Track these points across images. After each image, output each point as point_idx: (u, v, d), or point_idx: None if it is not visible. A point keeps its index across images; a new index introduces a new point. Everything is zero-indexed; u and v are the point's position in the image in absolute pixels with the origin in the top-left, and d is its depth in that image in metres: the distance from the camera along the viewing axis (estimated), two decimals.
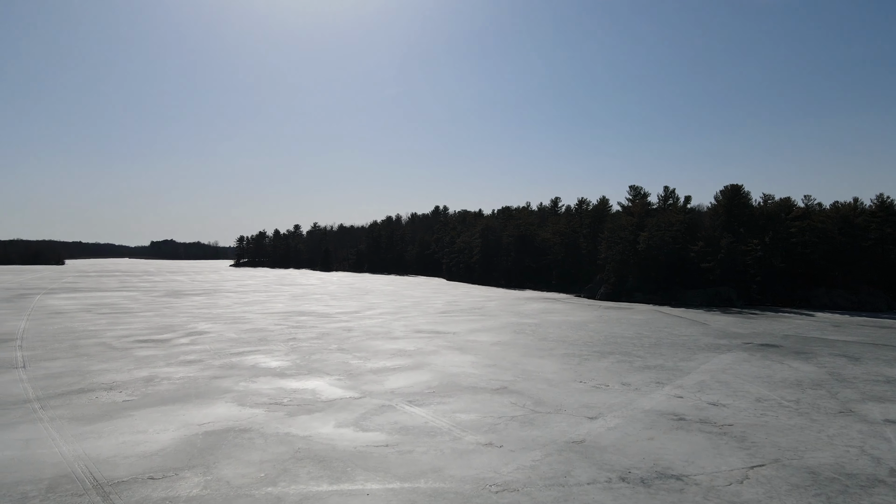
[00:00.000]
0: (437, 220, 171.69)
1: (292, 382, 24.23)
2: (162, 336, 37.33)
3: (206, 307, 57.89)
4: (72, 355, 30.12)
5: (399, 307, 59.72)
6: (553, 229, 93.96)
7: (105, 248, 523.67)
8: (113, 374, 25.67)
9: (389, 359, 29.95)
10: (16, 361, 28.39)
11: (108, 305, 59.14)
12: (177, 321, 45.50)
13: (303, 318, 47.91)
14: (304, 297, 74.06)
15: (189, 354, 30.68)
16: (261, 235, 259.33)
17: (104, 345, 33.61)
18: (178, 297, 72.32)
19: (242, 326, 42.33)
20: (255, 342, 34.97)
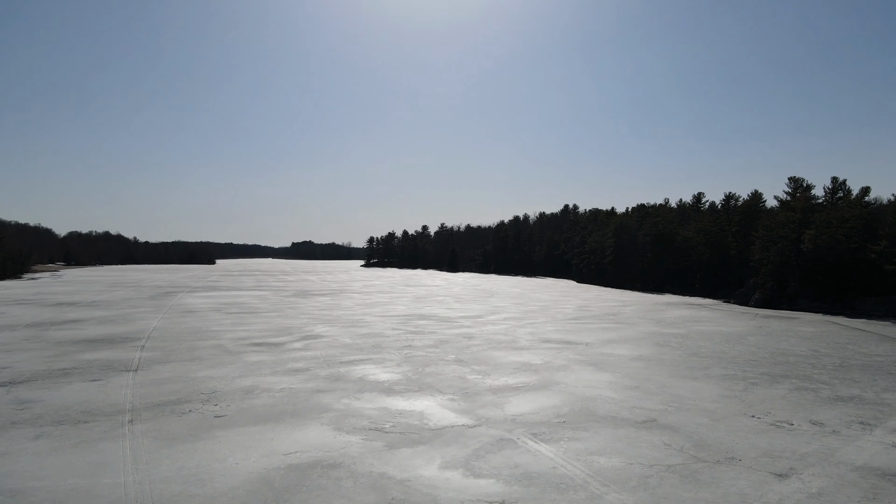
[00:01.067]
0: (566, 219, 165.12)
1: (399, 401, 21.12)
2: (277, 339, 36.06)
3: (328, 308, 57.24)
4: (185, 359, 29.20)
5: (525, 312, 55.66)
6: (696, 227, 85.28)
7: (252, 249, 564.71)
8: (216, 382, 24.01)
9: (512, 374, 26.12)
10: (131, 364, 27.77)
11: (237, 305, 60.36)
12: (296, 323, 44.57)
13: (422, 323, 45.29)
14: (426, 298, 72.07)
15: (298, 361, 28.71)
16: (390, 236, 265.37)
17: (220, 347, 32.69)
18: (305, 297, 73.07)
19: (359, 331, 40.36)
20: (368, 349, 32.55)
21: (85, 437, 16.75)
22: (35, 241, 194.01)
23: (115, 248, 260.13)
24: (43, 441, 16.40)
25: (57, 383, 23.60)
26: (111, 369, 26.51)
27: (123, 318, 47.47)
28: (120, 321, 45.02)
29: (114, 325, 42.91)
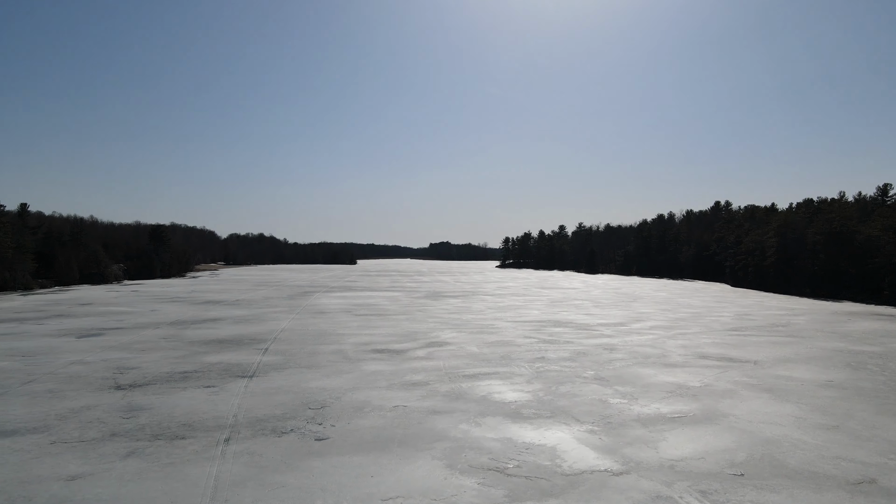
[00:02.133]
0: (717, 216, 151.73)
1: (527, 431, 17.65)
2: (401, 346, 33.92)
3: (458, 312, 54.84)
4: (303, 365, 27.73)
5: (675, 320, 49.69)
6: (883, 224, 73.18)
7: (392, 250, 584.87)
8: (327, 394, 21.97)
9: (665, 399, 21.68)
10: (249, 369, 26.69)
11: (368, 306, 59.81)
12: (423, 328, 42.42)
13: (557, 331, 41.31)
14: (563, 302, 67.60)
15: (417, 373, 26.14)
16: (526, 237, 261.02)
17: (340, 353, 31.06)
18: (436, 299, 71.48)
19: (487, 338, 37.29)
20: (496, 360, 29.34)
21: (175, 458, 15.04)
22: (200, 242, 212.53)
23: (267, 248, 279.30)
24: (132, 461, 14.87)
25: (173, 388, 22.76)
26: (229, 374, 25.51)
27: (258, 318, 48.12)
28: (253, 321, 45.51)
29: (247, 325, 43.32)
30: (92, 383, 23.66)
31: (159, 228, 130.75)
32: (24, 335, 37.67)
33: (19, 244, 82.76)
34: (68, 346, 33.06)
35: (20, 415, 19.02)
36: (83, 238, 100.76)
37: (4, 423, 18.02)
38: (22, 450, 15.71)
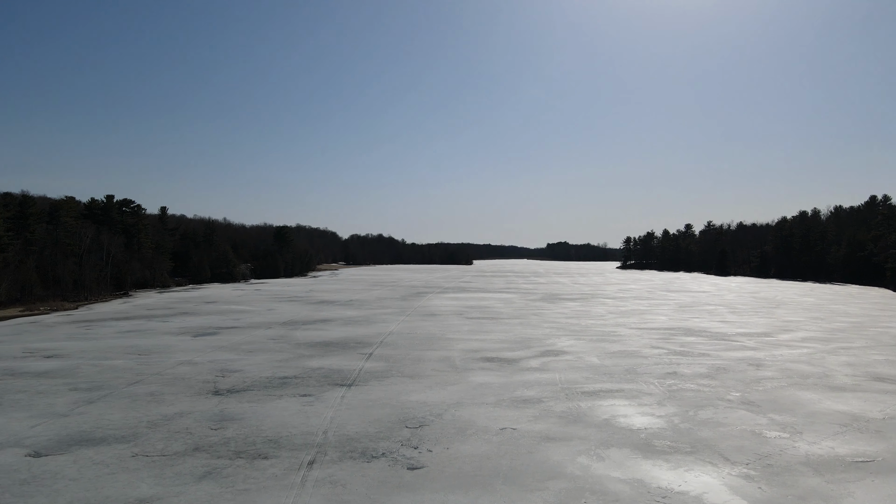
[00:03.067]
0: (873, 212, 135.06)
1: (662, 471, 14.35)
2: (513, 354, 31.20)
3: (576, 316, 51.14)
4: (406, 374, 25.79)
5: (831, 330, 43.12)
6: None
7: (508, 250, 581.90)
8: (428, 410, 19.74)
9: (840, 436, 17.39)
10: (349, 377, 25.13)
11: (481, 309, 57.52)
12: (538, 334, 39.40)
13: (689, 340, 36.76)
14: (693, 307, 61.70)
15: (530, 387, 23.31)
16: (648, 236, 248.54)
17: (447, 361, 28.87)
18: (553, 301, 67.90)
19: (609, 347, 33.65)
20: (620, 375, 25.85)
21: (251, 484, 13.32)
22: (322, 243, 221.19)
23: (386, 248, 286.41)
24: (206, 484, 13.31)
25: (269, 396, 21.52)
26: (328, 382, 24.03)
27: (368, 319, 47.28)
28: (363, 323, 44.63)
29: (356, 326, 42.44)
30: (192, 387, 23.02)
31: (283, 230, 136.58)
32: (147, 332, 38.93)
33: (158, 244, 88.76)
34: (183, 345, 33.42)
35: (114, 420, 18.37)
36: (215, 239, 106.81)
37: (96, 430, 17.35)
38: (101, 462, 14.70)
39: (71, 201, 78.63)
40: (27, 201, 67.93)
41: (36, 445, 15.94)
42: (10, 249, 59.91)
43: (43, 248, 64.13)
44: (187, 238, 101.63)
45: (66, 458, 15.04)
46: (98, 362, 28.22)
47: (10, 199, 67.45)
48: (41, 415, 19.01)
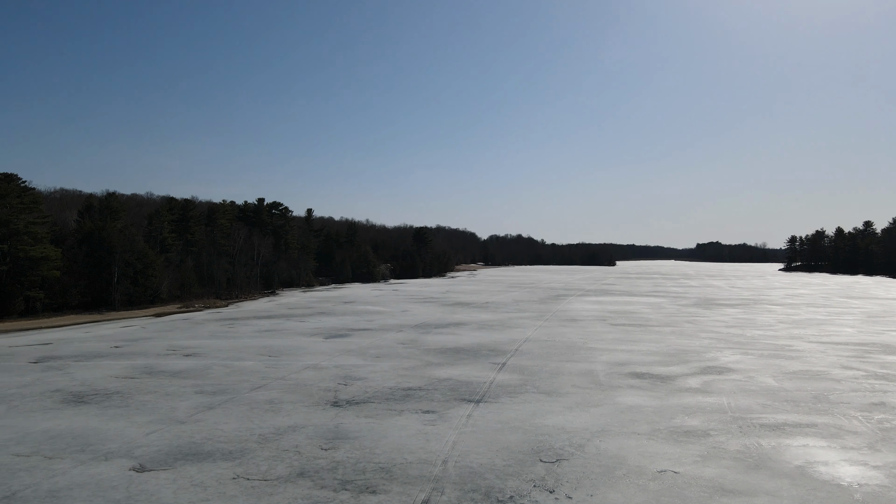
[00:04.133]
0: None
1: None
2: (667, 369, 27.04)
3: (738, 325, 44.95)
4: (543, 389, 22.80)
5: None
6: None
7: (654, 251, 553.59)
8: (567, 438, 16.65)
9: None
10: (478, 391, 22.61)
11: (626, 314, 52.72)
12: (695, 345, 34.54)
13: (893, 361, 30.19)
14: (886, 318, 52.44)
15: (692, 414, 19.35)
16: (818, 235, 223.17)
17: (589, 376, 25.44)
18: (709, 307, 61.10)
19: (787, 365, 28.28)
20: (808, 403, 20.99)
21: None
22: (461, 243, 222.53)
23: (525, 249, 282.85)
24: None
25: (389, 411, 19.51)
26: (455, 396, 21.65)
27: (503, 323, 44.66)
28: (497, 328, 42.08)
29: (490, 331, 39.98)
30: (313, 395, 21.67)
31: (423, 230, 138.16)
32: (283, 332, 39.16)
33: (304, 245, 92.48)
34: (313, 348, 32.81)
35: (227, 431, 17.21)
36: (357, 239, 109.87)
37: (206, 442, 16.21)
38: (200, 484, 13.29)
39: (225, 205, 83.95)
40: (188, 205, 73.13)
41: (143, 457, 14.99)
42: (172, 250, 64.45)
43: (201, 249, 68.46)
44: (331, 239, 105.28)
45: (167, 475, 13.83)
46: (230, 363, 28.07)
47: (174, 203, 72.97)
48: (160, 420, 18.38)
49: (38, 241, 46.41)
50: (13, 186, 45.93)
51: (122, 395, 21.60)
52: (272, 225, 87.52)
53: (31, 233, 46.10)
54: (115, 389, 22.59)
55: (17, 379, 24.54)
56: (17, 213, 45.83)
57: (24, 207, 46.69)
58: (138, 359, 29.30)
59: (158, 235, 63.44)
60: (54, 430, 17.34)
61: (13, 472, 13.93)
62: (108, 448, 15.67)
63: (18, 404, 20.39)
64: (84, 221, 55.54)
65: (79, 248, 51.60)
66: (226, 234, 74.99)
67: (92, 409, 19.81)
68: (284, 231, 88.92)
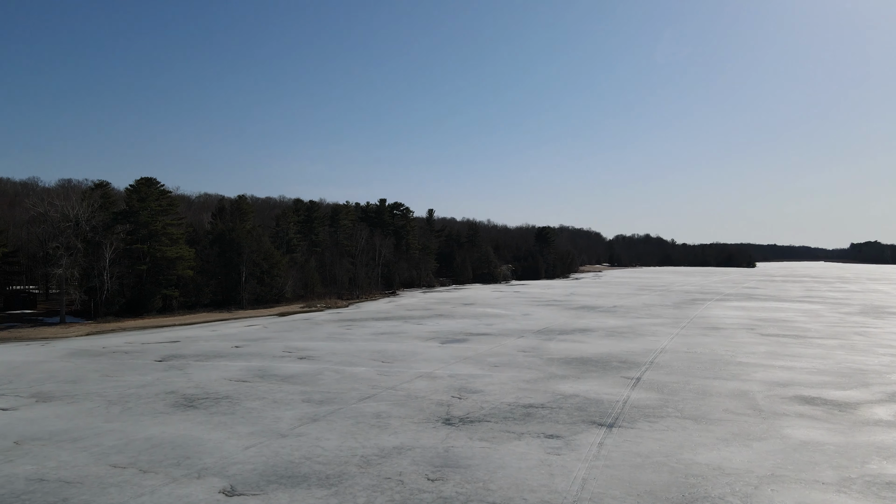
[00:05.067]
0: None
1: None
2: (843, 393, 22.42)
3: None
4: (688, 414, 19.34)
5: None
6: None
7: (799, 251, 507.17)
8: (727, 485, 13.38)
9: None
10: (609, 412, 19.57)
11: (777, 322, 46.54)
12: (872, 363, 29.03)
13: None
14: None
15: (892, 458, 15.20)
16: None
17: (744, 398, 21.53)
18: (880, 316, 52.86)
19: None
20: None
21: None
22: (585, 243, 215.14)
23: (653, 249, 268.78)
24: None
25: (507, 434, 17.08)
26: (583, 418, 18.80)
27: (633, 330, 40.70)
28: (628, 335, 38.27)
29: (619, 339, 36.33)
30: (423, 410, 19.70)
31: (545, 230, 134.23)
32: (398, 336, 37.91)
33: (425, 245, 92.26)
34: (428, 353, 31.08)
35: (328, 450, 15.60)
36: (478, 240, 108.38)
37: (304, 462, 14.65)
38: None
39: (348, 206, 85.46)
40: (314, 206, 74.93)
41: (236, 477, 13.65)
42: (298, 250, 66.02)
43: (324, 249, 69.71)
44: (452, 239, 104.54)
45: (255, 502, 12.30)
46: (341, 368, 26.93)
47: (300, 204, 75.06)
48: (262, 432, 17.17)
49: (174, 241, 48.76)
50: (153, 190, 48.61)
51: (230, 401, 20.85)
52: (393, 225, 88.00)
53: (168, 234, 48.52)
54: (225, 393, 21.96)
55: (140, 378, 24.77)
56: (156, 215, 48.40)
57: (162, 210, 49.30)
58: (254, 360, 29.01)
59: (285, 236, 65.23)
60: (157, 437, 16.61)
61: (104, 488, 13.05)
62: (204, 463, 14.54)
63: (133, 406, 20.17)
64: (216, 223, 58.07)
65: (211, 249, 53.80)
66: (348, 234, 76.06)
67: (199, 414, 19.09)
68: (405, 231, 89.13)
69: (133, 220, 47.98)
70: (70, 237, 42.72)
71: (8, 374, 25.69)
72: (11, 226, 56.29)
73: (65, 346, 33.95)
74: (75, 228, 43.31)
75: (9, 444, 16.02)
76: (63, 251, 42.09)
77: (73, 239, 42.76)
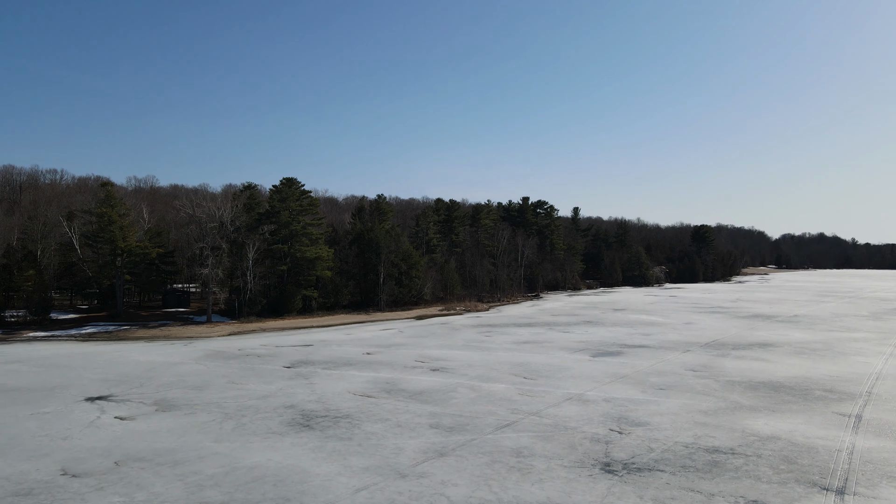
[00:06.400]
0: None
1: None
2: None
3: None
4: None
5: None
6: None
7: None
8: None
9: None
10: (827, 468, 14.51)
11: None
12: None
13: None
14: None
15: None
16: None
17: None
18: None
19: None
20: None
21: None
22: (748, 243, 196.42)
23: (829, 250, 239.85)
24: None
25: (689, 493, 12.81)
26: (794, 475, 13.93)
27: (829, 347, 33.57)
28: (824, 353, 31.41)
29: (814, 358, 29.78)
30: (575, 447, 15.84)
31: (702, 229, 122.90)
32: (543, 346, 34.08)
33: (570, 246, 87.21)
34: (577, 369, 26.97)
35: (455, 501, 12.31)
36: (627, 240, 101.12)
37: None
38: None
39: (489, 205, 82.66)
40: (454, 206, 72.99)
41: None
42: (437, 250, 64.24)
43: (465, 249, 67.38)
44: (599, 239, 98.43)
45: None
46: (478, 384, 23.68)
47: (440, 204, 73.47)
48: (379, 468, 14.29)
49: (313, 241, 48.60)
50: (293, 190, 48.81)
51: (350, 421, 18.33)
52: (537, 224, 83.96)
53: (308, 234, 48.44)
54: (346, 412, 19.53)
55: (263, 387, 23.23)
56: (296, 215, 48.52)
57: (302, 210, 49.36)
58: (384, 370, 26.67)
59: (424, 236, 63.72)
60: (262, 467, 14.31)
61: None
62: None
63: (247, 422, 18.29)
64: (355, 223, 57.69)
65: (349, 249, 53.29)
66: (489, 234, 73.25)
67: (313, 437, 16.70)
68: (550, 231, 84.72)
69: (275, 220, 48.46)
70: (215, 237, 43.71)
71: (142, 376, 25.40)
72: (174, 227, 59.87)
73: (204, 347, 34.01)
74: (220, 229, 44.31)
75: (108, 465, 14.49)
76: (209, 251, 43.13)
77: (217, 239, 43.70)
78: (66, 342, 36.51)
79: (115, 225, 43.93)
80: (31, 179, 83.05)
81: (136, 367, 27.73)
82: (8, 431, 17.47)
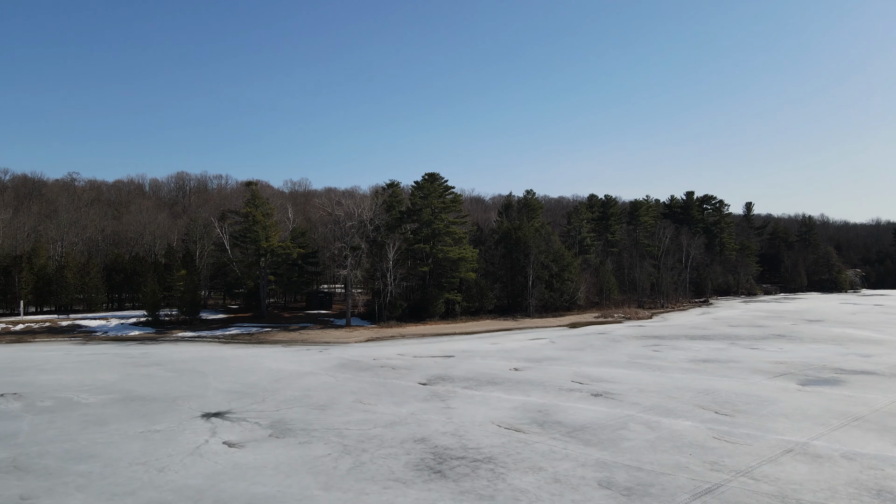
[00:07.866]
0: None
1: None
2: None
3: None
4: None
5: None
6: None
7: None
8: None
9: None
10: None
11: None
12: None
13: None
14: None
15: None
16: None
17: None
18: None
19: None
20: None
21: None
22: None
23: None
24: None
25: None
26: None
27: None
28: None
29: None
30: None
31: None
32: (729, 366, 27.77)
33: (743, 245, 77.06)
34: (785, 403, 20.76)
35: None
36: (812, 239, 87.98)
37: None
38: None
39: (648, 201, 74.96)
40: (609, 202, 66.66)
41: None
42: (591, 251, 58.64)
43: (622, 250, 61.02)
44: (777, 238, 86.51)
45: None
46: (656, 419, 18.53)
47: (594, 200, 67.46)
48: None
49: (456, 241, 45.34)
50: (436, 186, 45.88)
51: (492, 468, 14.21)
52: (703, 222, 74.98)
53: (451, 233, 45.24)
54: (488, 453, 15.43)
55: (394, 410, 19.88)
56: (438, 212, 45.53)
57: (445, 207, 46.28)
58: (535, 393, 22.30)
59: (577, 235, 58.33)
60: None
61: None
62: None
63: (367, 460, 14.81)
64: (502, 221, 53.72)
65: (495, 249, 49.42)
66: (649, 233, 66.07)
67: (444, 491, 12.79)
68: (719, 229, 75.34)
69: (416, 218, 45.88)
70: (354, 237, 41.85)
71: (268, 389, 23.19)
72: (318, 227, 59.78)
73: (338, 355, 31.78)
74: (360, 228, 42.43)
75: None
76: (348, 251, 41.33)
77: (357, 238, 41.81)
78: (209, 344, 36.23)
79: (258, 225, 43.68)
80: (199, 184, 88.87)
81: (265, 375, 25.82)
82: (109, 454, 15.46)
